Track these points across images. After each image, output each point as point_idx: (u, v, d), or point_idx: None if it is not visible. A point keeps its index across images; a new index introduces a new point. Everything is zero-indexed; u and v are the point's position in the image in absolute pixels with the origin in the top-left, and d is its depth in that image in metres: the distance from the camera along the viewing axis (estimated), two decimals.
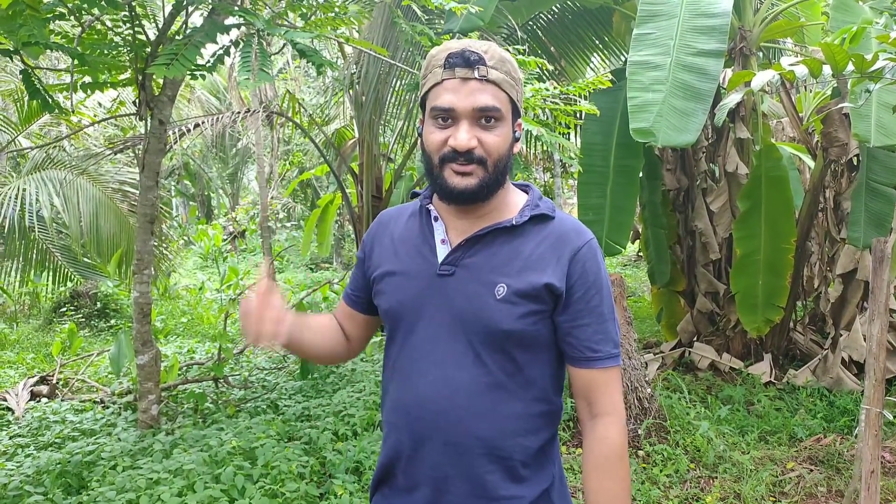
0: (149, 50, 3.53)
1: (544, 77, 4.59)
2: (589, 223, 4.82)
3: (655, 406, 3.85)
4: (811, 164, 5.57)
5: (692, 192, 5.23)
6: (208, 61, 2.71)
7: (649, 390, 3.88)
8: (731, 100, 2.80)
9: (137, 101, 3.77)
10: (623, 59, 6.48)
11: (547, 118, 3.44)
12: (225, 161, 17.07)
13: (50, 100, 2.75)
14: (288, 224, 14.88)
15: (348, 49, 6.97)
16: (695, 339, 5.26)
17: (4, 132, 7.85)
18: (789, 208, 4.45)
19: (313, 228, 10.91)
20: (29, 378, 4.90)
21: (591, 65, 7.11)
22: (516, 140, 1.16)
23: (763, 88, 2.76)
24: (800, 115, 5.20)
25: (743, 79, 2.69)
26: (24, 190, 7.11)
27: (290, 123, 8.42)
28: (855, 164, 4.35)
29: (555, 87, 3.13)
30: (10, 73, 7.78)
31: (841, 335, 4.61)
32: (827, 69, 2.28)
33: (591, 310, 1.14)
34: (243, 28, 2.81)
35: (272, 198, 13.26)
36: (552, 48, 6.64)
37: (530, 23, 6.10)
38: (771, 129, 5.48)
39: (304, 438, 3.61)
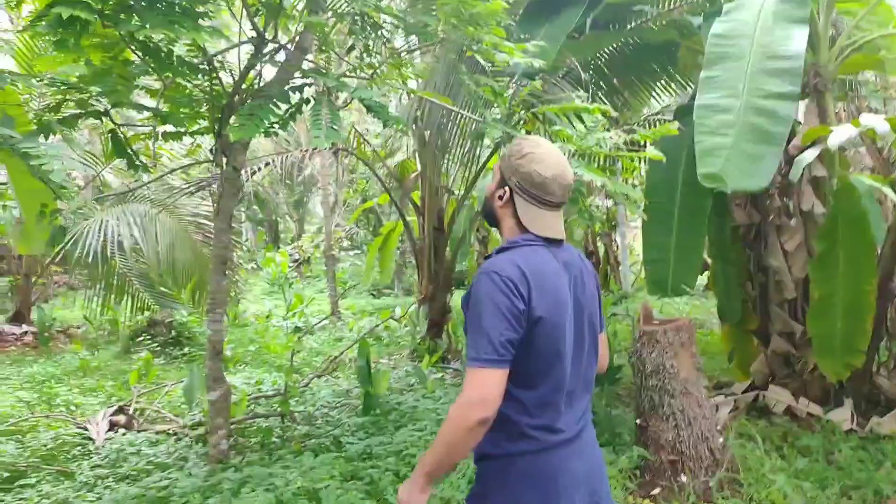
0: (225, 101, 3.71)
1: (608, 119, 4.56)
2: (654, 263, 4.73)
3: (728, 456, 3.70)
4: (893, 196, 5.30)
5: (764, 228, 5.03)
6: (280, 118, 2.83)
7: (721, 440, 3.73)
8: (807, 156, 2.71)
9: (214, 148, 3.96)
10: (689, 90, 6.36)
11: (612, 164, 3.41)
12: (292, 188, 17.61)
13: (136, 159, 2.92)
14: (351, 252, 15.17)
15: (413, 85, 7.12)
16: (769, 380, 5.03)
17: (90, 167, 8.36)
18: (870, 248, 4.22)
19: (375, 255, 11.11)
20: (108, 408, 5.14)
21: (655, 95, 7.01)
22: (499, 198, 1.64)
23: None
24: (878, 145, 4.96)
25: (818, 133, 2.60)
26: (107, 222, 7.53)
27: (355, 153, 8.64)
28: None
29: (619, 136, 3.10)
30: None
31: None
32: None
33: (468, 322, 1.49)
34: (313, 86, 2.92)
35: (336, 225, 13.57)
36: (615, 80, 6.59)
37: (593, 58, 6.08)
38: (848, 161, 5.24)
39: (366, 479, 3.65)
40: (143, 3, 2.52)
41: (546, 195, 1.57)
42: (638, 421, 3.84)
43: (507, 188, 1.60)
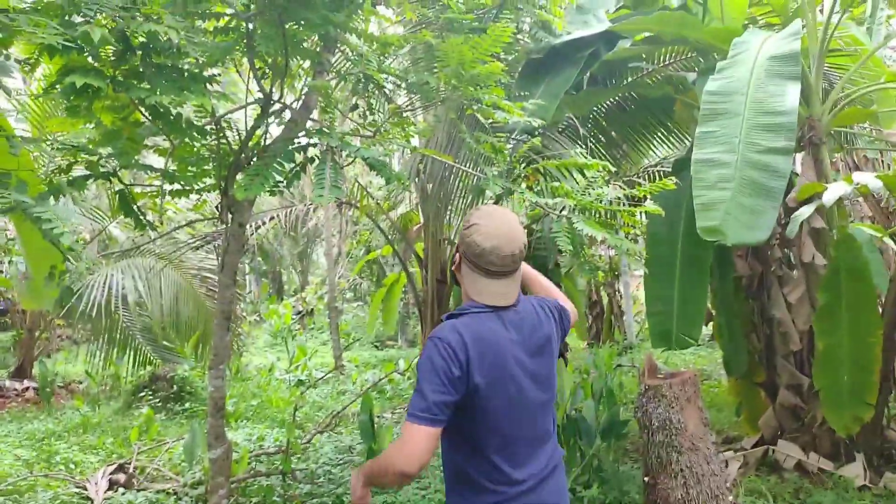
0: (231, 160, 3.79)
1: (608, 172, 4.61)
2: (657, 315, 4.71)
3: None
4: (894, 246, 5.32)
5: (767, 278, 5.04)
6: (285, 177, 2.88)
7: (731, 498, 3.65)
8: (804, 212, 2.74)
9: (220, 205, 4.01)
10: (686, 143, 6.47)
11: (612, 217, 3.44)
12: (296, 240, 17.73)
13: (142, 218, 2.97)
14: (355, 304, 15.17)
15: (415, 141, 7.26)
16: (779, 434, 4.94)
17: (96, 221, 8.47)
18: (873, 299, 4.22)
19: (379, 307, 11.09)
20: (108, 466, 5.06)
21: (653, 147, 7.12)
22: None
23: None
24: (877, 195, 5.01)
25: (814, 189, 2.64)
26: (112, 276, 7.58)
27: (359, 206, 8.73)
28: None
29: (618, 190, 3.15)
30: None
31: None
32: None
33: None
34: (317, 145, 2.98)
35: (340, 276, 13.60)
36: (613, 133, 6.71)
37: (591, 112, 6.20)
38: (846, 212, 5.28)
39: None
40: (152, 70, 2.61)
41: (486, 265, 1.67)
42: (646, 479, 3.77)
43: (457, 255, 1.77)
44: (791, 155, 3.42)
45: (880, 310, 4.48)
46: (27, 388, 8.97)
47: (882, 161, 5.93)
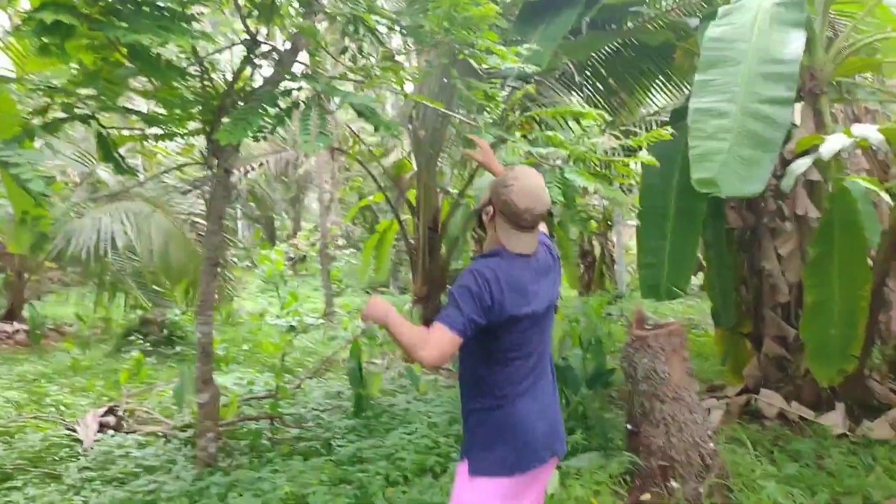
0: (217, 103, 3.67)
1: (604, 121, 4.50)
2: (648, 266, 4.71)
3: (718, 463, 3.68)
4: (889, 199, 5.28)
5: (759, 231, 5.02)
6: (270, 122, 2.79)
7: (712, 445, 3.71)
8: (800, 165, 2.69)
9: (206, 150, 3.92)
10: (685, 92, 6.34)
11: (607, 168, 3.39)
12: (288, 185, 17.54)
13: (122, 163, 2.88)
14: (347, 251, 15.14)
15: (408, 86, 7.09)
16: (762, 384, 5.02)
17: (84, 164, 8.31)
18: (864, 254, 4.20)
19: (371, 253, 11.07)
20: (98, 409, 5.10)
21: (651, 96, 6.99)
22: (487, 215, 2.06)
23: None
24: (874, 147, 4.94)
25: (812, 141, 2.58)
26: (101, 220, 7.49)
27: (350, 152, 8.59)
28: None
29: (611, 139, 3.08)
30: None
31: None
32: None
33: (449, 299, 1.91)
34: (304, 89, 2.88)
35: (332, 223, 13.52)
36: (611, 81, 6.57)
37: (590, 59, 6.04)
38: (843, 164, 5.21)
39: (355, 484, 3.62)
40: (130, 7, 2.48)
41: (521, 221, 1.97)
42: (629, 426, 3.83)
43: (492, 207, 2.03)
44: (791, 105, 3.34)
45: (870, 263, 4.49)
46: (17, 331, 8.97)
47: (884, 113, 5.83)
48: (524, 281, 1.97)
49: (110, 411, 5.07)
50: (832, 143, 2.19)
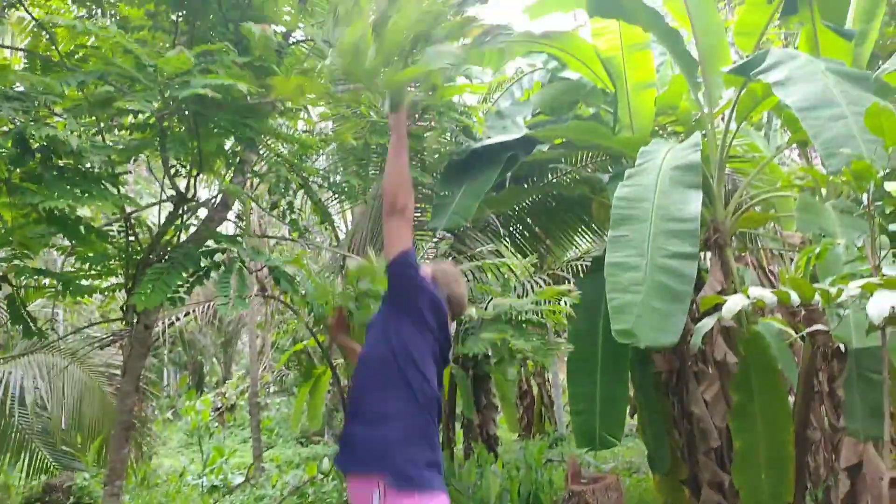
0: (140, 258, 3.62)
1: (530, 265, 4.68)
2: (580, 413, 4.71)
3: None
4: (799, 339, 5.54)
5: (685, 375, 5.13)
6: (187, 283, 2.76)
7: None
8: (705, 324, 2.85)
9: (125, 305, 3.80)
10: (605, 239, 6.71)
11: (536, 317, 3.47)
12: (220, 329, 17.05)
13: (33, 327, 2.78)
14: (279, 398, 14.55)
15: (342, 232, 7.24)
16: None
17: None
18: (783, 396, 4.35)
19: (305, 400, 10.63)
20: None
21: (575, 242, 7.36)
22: None
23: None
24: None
25: (714, 301, 2.76)
26: (10, 374, 7.00)
27: (286, 296, 8.49)
28: (843, 351, 4.31)
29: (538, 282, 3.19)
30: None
31: None
32: (795, 297, 2.33)
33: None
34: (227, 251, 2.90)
35: (265, 368, 13.07)
36: (537, 228, 6.91)
37: (515, 209, 6.38)
38: (756, 308, 5.50)
39: None
40: (53, 172, 2.50)
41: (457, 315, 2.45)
42: None
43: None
44: (696, 259, 3.57)
45: (792, 405, 4.61)
46: None
47: (785, 263, 6.29)
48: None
49: None
50: (732, 304, 2.34)
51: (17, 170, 2.52)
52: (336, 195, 4.94)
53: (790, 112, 3.72)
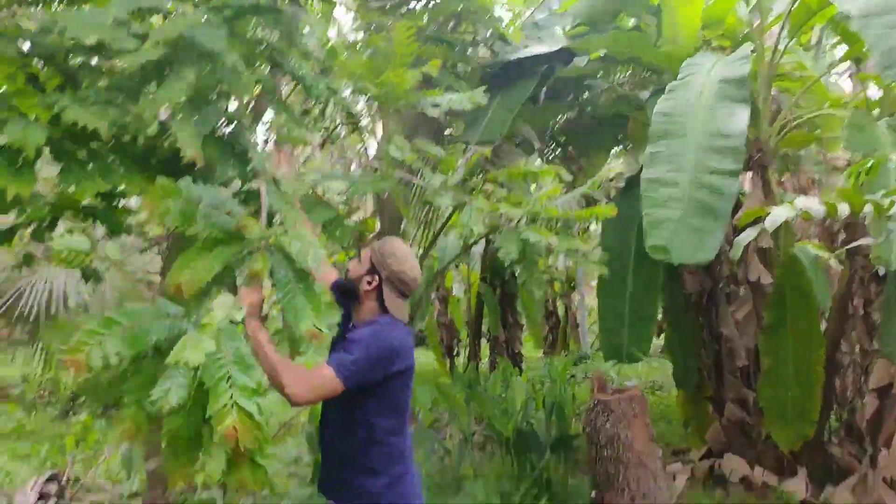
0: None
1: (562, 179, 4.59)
2: (609, 329, 4.75)
3: None
4: (837, 266, 5.46)
5: (715, 295, 5.12)
6: None
7: None
8: (746, 236, 2.79)
9: None
10: (640, 160, 6.55)
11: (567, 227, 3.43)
12: None
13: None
14: None
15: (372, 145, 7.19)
16: (726, 448, 5.01)
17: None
18: (816, 319, 4.33)
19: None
20: (39, 477, 4.83)
21: (608, 163, 7.22)
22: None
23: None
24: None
25: (758, 213, 2.69)
26: (55, 277, 7.29)
27: None
28: (881, 275, 4.24)
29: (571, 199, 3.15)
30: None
31: (880, 451, 4.36)
32: (844, 208, 2.26)
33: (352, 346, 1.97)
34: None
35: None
36: (570, 148, 6.77)
37: (548, 127, 6.24)
38: (793, 231, 5.40)
39: None
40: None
41: (407, 291, 2.12)
42: (593, 494, 3.78)
43: (376, 277, 2.09)
44: (738, 177, 3.48)
45: (823, 328, 4.60)
46: None
47: (827, 184, 6.10)
48: (409, 342, 2.13)
49: (53, 479, 4.80)
50: (776, 216, 2.28)
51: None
52: (369, 102, 4.85)
53: (845, 25, 3.51)
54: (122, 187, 2.31)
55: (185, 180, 1.76)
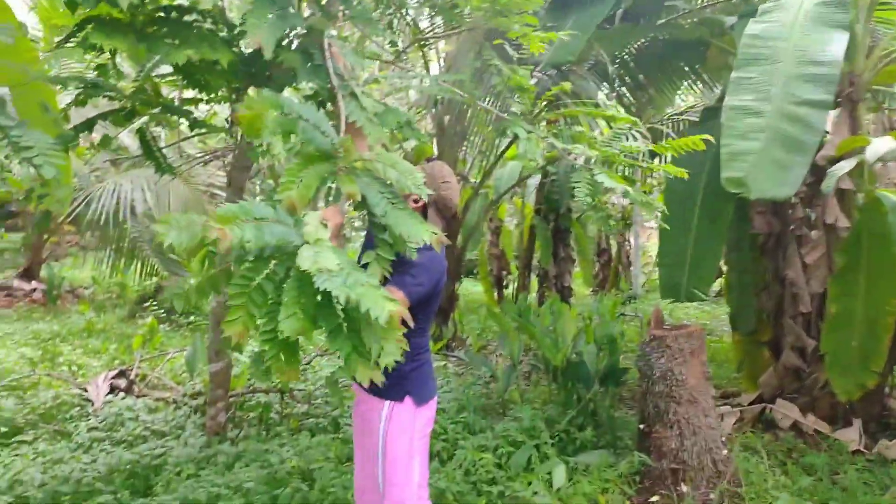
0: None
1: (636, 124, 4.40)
2: (669, 267, 4.64)
3: (731, 469, 3.63)
4: None
5: (784, 238, 4.91)
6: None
7: (725, 451, 3.66)
8: (842, 167, 2.61)
9: (230, 117, 3.89)
10: (715, 91, 6.22)
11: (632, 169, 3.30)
12: None
13: (163, 161, 2.94)
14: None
15: (434, 69, 7.01)
16: (778, 394, 4.93)
17: (106, 129, 8.34)
18: (892, 267, 4.09)
19: None
20: (109, 371, 5.14)
21: (680, 94, 6.89)
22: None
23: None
24: None
25: (853, 144, 2.50)
26: (121, 185, 7.53)
27: None
28: None
29: (645, 144, 3.01)
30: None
31: None
32: None
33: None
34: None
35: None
36: (641, 76, 6.46)
37: (621, 52, 5.94)
38: (875, 175, 5.09)
39: None
40: (174, 18, 2.48)
41: (449, 214, 2.35)
42: (641, 426, 3.78)
43: (422, 202, 2.30)
44: (828, 109, 3.25)
45: None
46: (34, 290, 9.08)
47: None
48: (443, 264, 2.33)
49: (122, 374, 5.10)
50: (878, 146, 2.11)
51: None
52: (433, 18, 4.68)
53: None
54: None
55: (284, 93, 1.76)
